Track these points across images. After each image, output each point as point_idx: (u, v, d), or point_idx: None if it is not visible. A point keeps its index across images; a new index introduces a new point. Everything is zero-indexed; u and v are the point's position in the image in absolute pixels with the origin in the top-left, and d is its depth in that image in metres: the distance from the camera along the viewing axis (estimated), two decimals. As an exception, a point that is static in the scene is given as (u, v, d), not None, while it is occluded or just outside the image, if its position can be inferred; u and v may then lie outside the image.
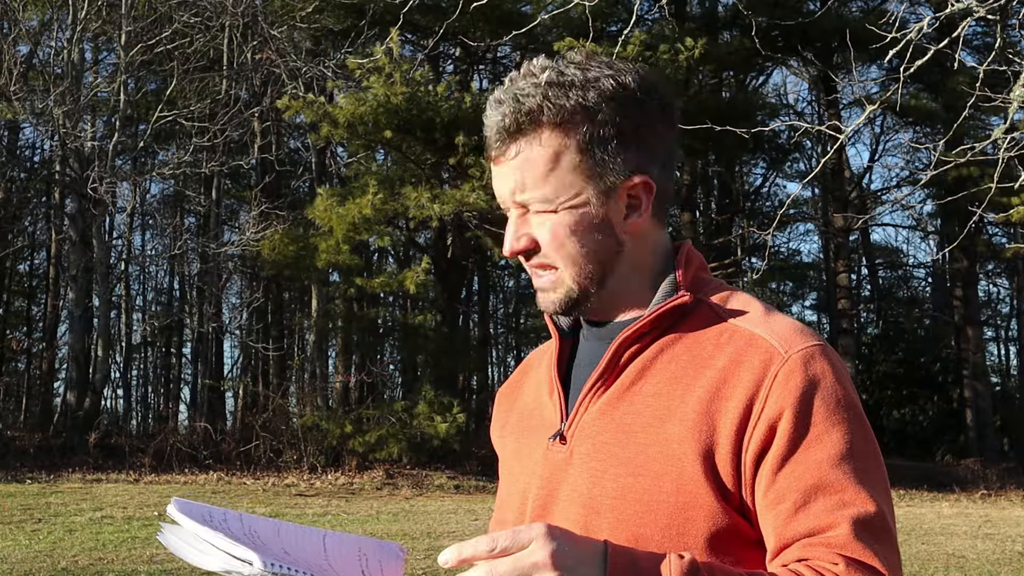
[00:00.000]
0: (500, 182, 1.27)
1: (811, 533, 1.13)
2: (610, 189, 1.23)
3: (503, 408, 1.47)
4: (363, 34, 18.13)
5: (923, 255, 36.85)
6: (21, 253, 25.71)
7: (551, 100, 1.21)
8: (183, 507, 1.15)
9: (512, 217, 1.28)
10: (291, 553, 1.17)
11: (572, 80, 1.22)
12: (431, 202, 15.78)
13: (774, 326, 1.22)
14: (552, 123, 1.22)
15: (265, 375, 23.40)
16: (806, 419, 1.15)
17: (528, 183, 1.23)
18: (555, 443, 1.28)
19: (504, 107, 1.23)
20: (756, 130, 5.98)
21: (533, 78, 1.23)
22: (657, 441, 1.19)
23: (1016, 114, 4.90)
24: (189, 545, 1.12)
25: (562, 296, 1.27)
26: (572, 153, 1.22)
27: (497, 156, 1.25)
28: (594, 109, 1.21)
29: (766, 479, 1.15)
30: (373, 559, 1.25)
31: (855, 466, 1.14)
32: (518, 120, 1.22)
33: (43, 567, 7.73)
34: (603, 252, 1.25)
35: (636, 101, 1.23)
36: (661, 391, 1.21)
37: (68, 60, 17.88)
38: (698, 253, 1.32)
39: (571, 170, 1.22)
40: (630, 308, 1.29)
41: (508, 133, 1.23)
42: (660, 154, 1.26)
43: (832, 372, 1.18)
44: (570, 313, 1.29)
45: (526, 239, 1.26)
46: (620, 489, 1.20)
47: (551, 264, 1.26)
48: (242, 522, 1.19)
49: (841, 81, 21.64)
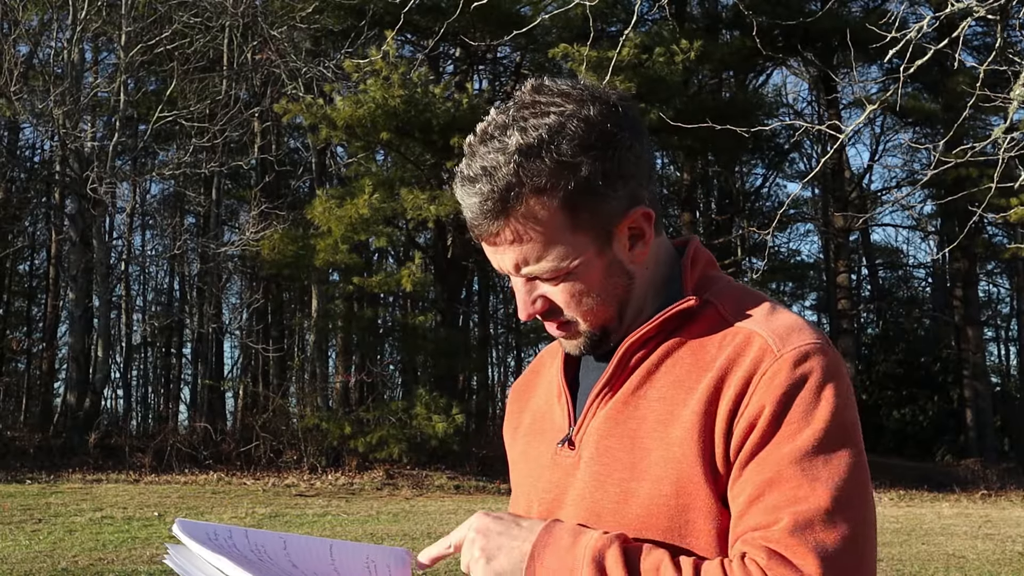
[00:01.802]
0: (498, 259, 1.23)
1: (756, 528, 1.12)
2: (609, 231, 1.21)
3: (516, 406, 1.47)
4: (363, 35, 18.13)
5: (923, 255, 36.90)
6: (21, 253, 25.71)
7: (525, 168, 1.15)
8: (187, 528, 1.15)
9: (519, 283, 1.25)
10: (299, 566, 1.18)
11: (539, 137, 1.16)
12: (428, 203, 15.79)
13: (774, 324, 1.20)
14: (534, 191, 1.16)
15: (265, 375, 23.39)
16: (782, 416, 1.13)
17: (531, 258, 1.20)
18: (563, 448, 1.28)
19: (479, 186, 1.17)
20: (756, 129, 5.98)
21: (496, 143, 1.17)
22: (660, 445, 1.19)
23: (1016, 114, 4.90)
24: (195, 567, 1.12)
25: (586, 341, 1.27)
26: (564, 215, 1.18)
27: (489, 237, 1.21)
28: (572, 162, 1.16)
29: (734, 473, 1.15)
30: (381, 565, 1.25)
31: (816, 464, 1.11)
32: (500, 199, 1.16)
33: (43, 567, 7.73)
34: (619, 292, 1.24)
35: (608, 136, 1.18)
36: (665, 395, 1.21)
37: (68, 60, 17.88)
38: (706, 251, 1.31)
39: (569, 232, 1.19)
40: (640, 314, 1.28)
41: (494, 215, 1.18)
42: (644, 174, 1.23)
43: (821, 371, 1.15)
44: (596, 351, 1.28)
45: (541, 301, 1.24)
46: (622, 493, 1.20)
47: (572, 320, 1.25)
48: (248, 539, 1.19)
49: (841, 81, 21.64)
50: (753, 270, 26.34)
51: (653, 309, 1.26)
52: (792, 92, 31.75)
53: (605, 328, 1.25)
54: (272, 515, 11.59)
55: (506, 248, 1.21)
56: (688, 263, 1.28)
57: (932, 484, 19.16)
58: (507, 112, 1.20)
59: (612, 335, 1.26)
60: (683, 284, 1.26)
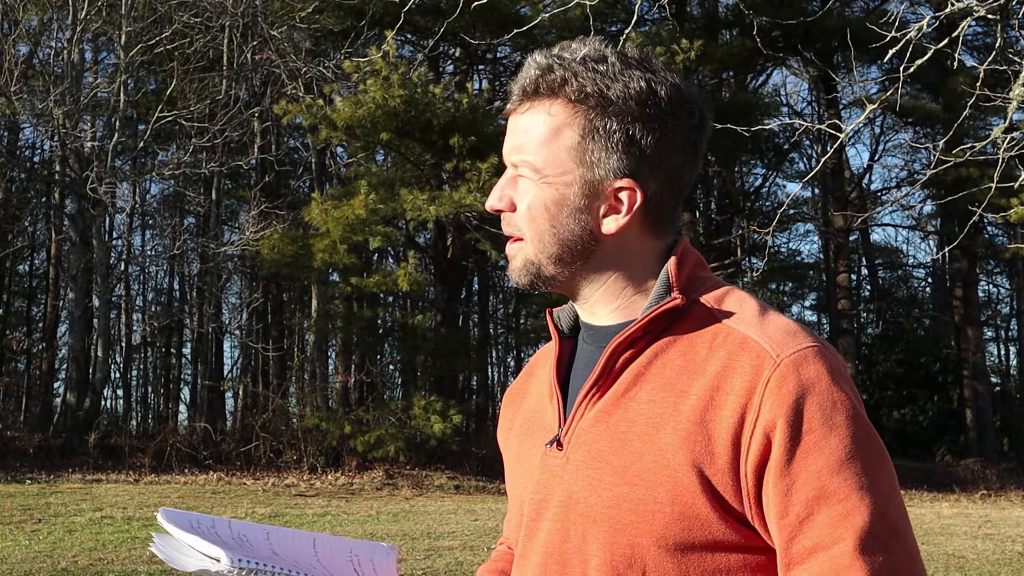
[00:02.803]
0: (507, 138, 1.28)
1: (816, 549, 1.10)
2: (596, 182, 1.22)
3: (510, 410, 1.46)
4: (363, 35, 18.13)
5: (923, 255, 36.90)
6: (21, 253, 25.71)
7: (577, 77, 1.21)
8: (170, 516, 1.17)
9: (505, 175, 1.29)
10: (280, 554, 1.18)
11: (607, 69, 1.21)
12: (428, 204, 15.80)
13: (767, 327, 1.18)
14: (568, 98, 1.22)
15: (265, 375, 23.39)
16: (801, 426, 1.11)
17: (525, 146, 1.24)
18: (552, 449, 1.27)
19: (536, 69, 1.23)
20: (756, 129, 5.97)
21: (577, 53, 1.24)
22: (652, 450, 1.17)
23: (1016, 114, 4.90)
24: (176, 551, 1.14)
25: (520, 266, 1.27)
26: (574, 133, 1.22)
27: (511, 109, 1.27)
28: (611, 102, 1.20)
29: (768, 491, 1.13)
30: (365, 559, 1.26)
31: (856, 471, 1.11)
32: (539, 83, 1.23)
33: (43, 567, 7.73)
34: (571, 238, 1.24)
35: (658, 112, 1.21)
36: (655, 398, 1.19)
37: (68, 60, 17.88)
38: (695, 251, 1.29)
39: (567, 149, 1.22)
40: (624, 313, 1.27)
41: (526, 92, 1.24)
42: (665, 170, 1.23)
43: (827, 374, 1.14)
44: (531, 287, 1.29)
45: (506, 201, 1.27)
46: (615, 498, 1.18)
47: (520, 234, 1.27)
48: (231, 528, 1.20)
49: (841, 81, 21.65)
50: (753, 270, 26.34)
51: (638, 305, 1.26)
52: (792, 92, 31.75)
53: (540, 264, 1.26)
54: (272, 515, 11.59)
55: (515, 126, 1.25)
56: (676, 262, 1.25)
57: (932, 484, 19.16)
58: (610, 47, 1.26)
59: (553, 280, 1.27)
60: (670, 283, 1.24)
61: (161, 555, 1.15)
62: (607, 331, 1.27)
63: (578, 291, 1.28)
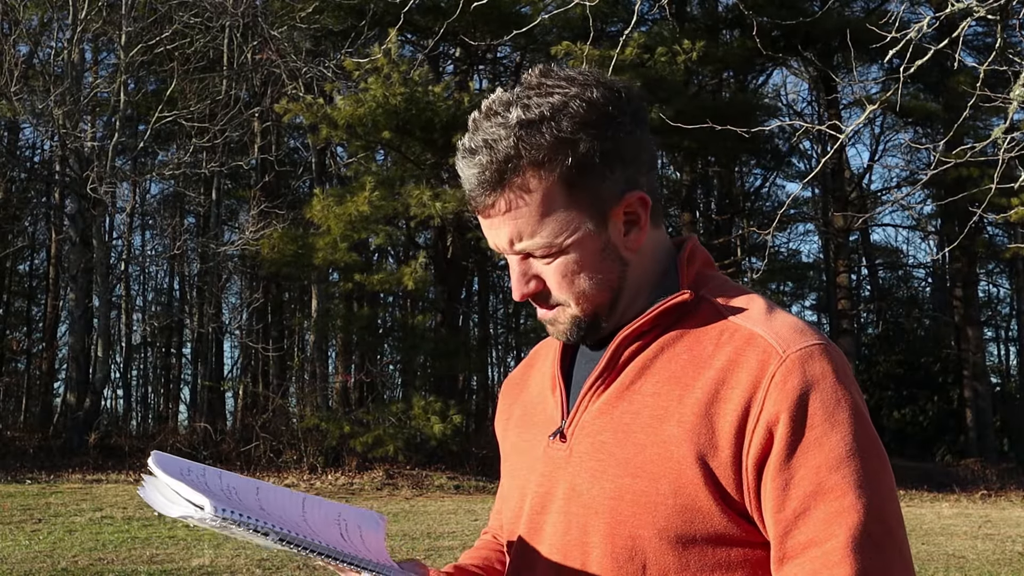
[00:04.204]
0: (493, 234, 1.23)
1: (809, 544, 1.11)
2: (605, 212, 1.21)
3: (508, 400, 1.46)
4: (363, 34, 18.13)
5: (923, 255, 36.87)
6: (21, 253, 25.71)
7: (525, 141, 1.16)
8: (161, 461, 1.17)
9: (514, 262, 1.25)
10: (267, 510, 1.19)
11: (541, 113, 1.17)
12: (432, 200, 15.77)
13: (774, 324, 1.19)
14: (532, 164, 1.17)
15: (265, 375, 23.39)
16: (804, 422, 1.12)
17: (525, 233, 1.20)
18: (555, 441, 1.27)
19: (479, 157, 1.19)
20: (756, 129, 5.98)
21: (499, 118, 1.18)
22: (655, 442, 1.17)
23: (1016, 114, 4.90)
24: (160, 494, 1.14)
25: (571, 327, 1.26)
26: (560, 190, 1.18)
27: (484, 209, 1.21)
28: (571, 139, 1.17)
29: (767, 485, 1.14)
30: (352, 524, 1.27)
31: (855, 469, 1.11)
32: (497, 170, 1.18)
33: (43, 567, 7.73)
34: (612, 277, 1.23)
35: (609, 117, 1.19)
36: (660, 391, 1.20)
37: (68, 60, 17.87)
38: (703, 249, 1.30)
39: (564, 208, 1.19)
40: (633, 307, 1.27)
41: (491, 186, 1.19)
42: (644, 161, 1.24)
43: (832, 372, 1.15)
44: (585, 339, 1.27)
45: (535, 282, 1.24)
46: (617, 489, 1.19)
47: (563, 303, 1.25)
48: (221, 479, 1.20)
49: (841, 81, 21.63)
50: (753, 270, 26.34)
51: (647, 303, 1.26)
52: (792, 92, 31.77)
53: (596, 314, 1.24)
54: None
55: (501, 221, 1.21)
56: (684, 260, 1.27)
57: (932, 484, 19.16)
58: (512, 91, 1.22)
59: (603, 324, 1.25)
60: (679, 280, 1.25)
61: (145, 498, 1.15)
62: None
63: (611, 321, 1.27)
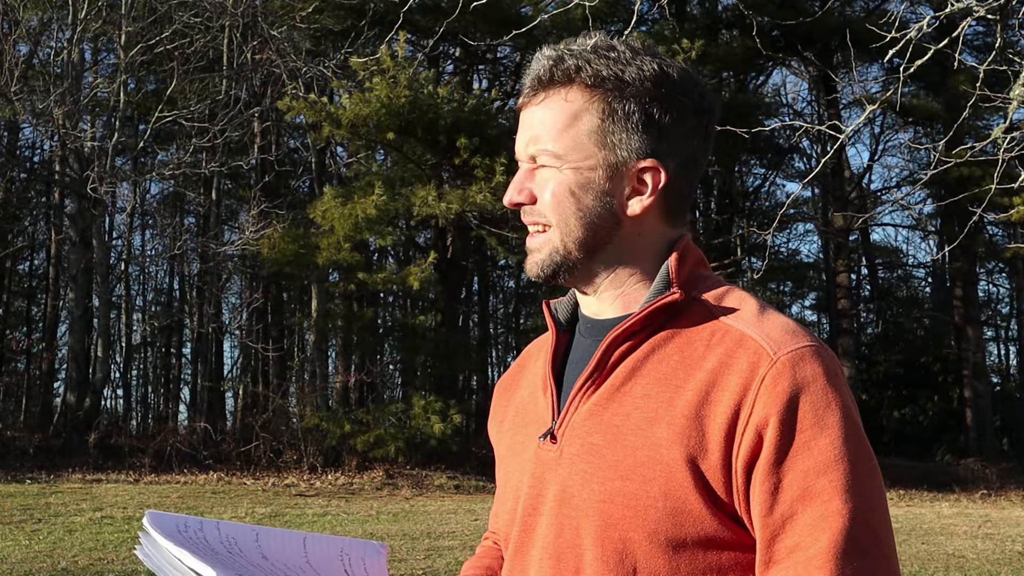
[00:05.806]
0: (520, 133, 1.28)
1: (794, 549, 1.11)
2: (620, 164, 1.23)
3: (502, 402, 1.45)
4: (363, 34, 18.13)
5: (923, 255, 36.84)
6: (21, 253, 25.70)
7: (590, 63, 1.22)
8: (156, 520, 1.15)
9: (520, 170, 1.28)
10: (269, 557, 1.17)
11: (618, 55, 1.23)
12: (437, 200, 15.76)
13: (766, 326, 1.18)
14: (583, 84, 1.22)
15: (265, 375, 23.38)
16: (793, 425, 1.11)
17: (543, 136, 1.24)
18: (546, 442, 1.27)
19: (549, 59, 1.24)
20: (756, 130, 5.98)
21: (585, 44, 1.25)
22: (646, 444, 1.17)
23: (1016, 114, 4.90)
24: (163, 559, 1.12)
25: (546, 256, 1.26)
26: (593, 117, 1.22)
27: (526, 103, 1.26)
28: (628, 84, 1.22)
29: (755, 488, 1.13)
30: (356, 558, 1.26)
31: (843, 472, 1.11)
32: (553, 72, 1.23)
33: (43, 567, 7.73)
34: (598, 221, 1.24)
35: (671, 93, 1.23)
36: (650, 392, 1.19)
37: (68, 60, 17.88)
38: (696, 248, 1.29)
39: (587, 133, 1.23)
40: (623, 304, 1.27)
41: (540, 82, 1.24)
42: (681, 153, 1.25)
43: (823, 374, 1.14)
44: (554, 278, 1.28)
45: (526, 193, 1.27)
46: (608, 492, 1.18)
47: (545, 222, 1.26)
48: (219, 531, 1.19)
49: (841, 81, 21.64)
50: (753, 270, 26.33)
51: (639, 297, 1.25)
52: (792, 92, 31.76)
53: (569, 252, 1.25)
54: (272, 515, 11.59)
55: (530, 119, 1.25)
56: (678, 257, 1.25)
57: (932, 484, 19.16)
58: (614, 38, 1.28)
59: (576, 268, 1.26)
60: (670, 277, 1.24)
61: (147, 562, 1.13)
62: (605, 324, 1.27)
63: (593, 279, 1.27)
